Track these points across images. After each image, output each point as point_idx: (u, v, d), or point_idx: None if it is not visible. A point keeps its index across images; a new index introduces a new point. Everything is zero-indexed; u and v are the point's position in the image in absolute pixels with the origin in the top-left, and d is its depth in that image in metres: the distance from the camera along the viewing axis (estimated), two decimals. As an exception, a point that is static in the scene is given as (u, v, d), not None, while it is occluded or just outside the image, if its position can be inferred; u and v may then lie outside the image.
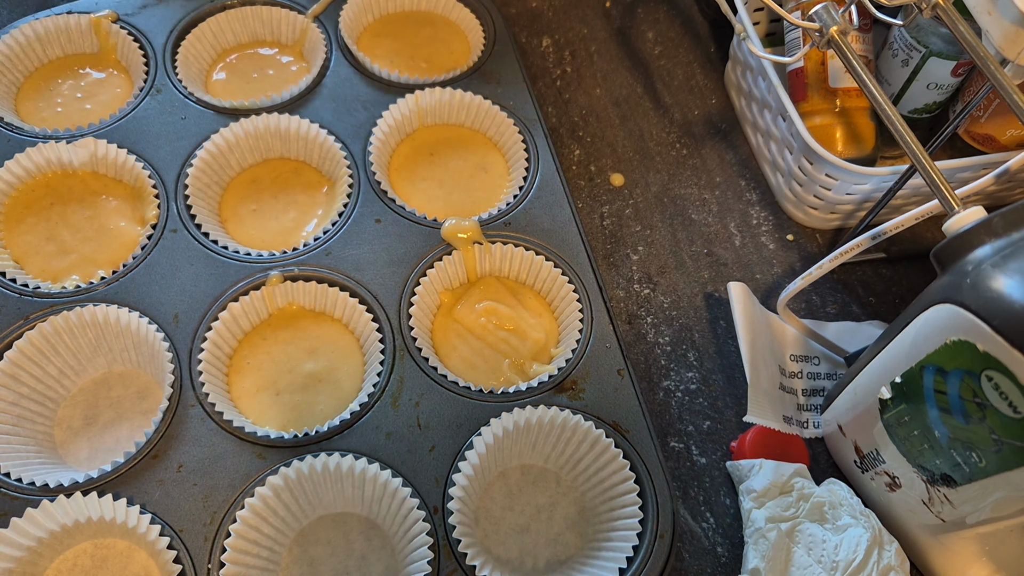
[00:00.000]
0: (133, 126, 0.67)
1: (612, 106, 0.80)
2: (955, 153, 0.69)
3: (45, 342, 0.57)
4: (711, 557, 0.57)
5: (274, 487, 0.52)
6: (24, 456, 0.54)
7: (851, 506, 0.55)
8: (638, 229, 0.72)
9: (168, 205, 0.64)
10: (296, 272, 0.61)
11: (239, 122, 0.67)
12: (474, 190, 0.69)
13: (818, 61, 0.68)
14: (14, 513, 0.50)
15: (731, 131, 0.79)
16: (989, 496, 0.46)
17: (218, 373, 0.58)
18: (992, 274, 0.41)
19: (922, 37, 0.64)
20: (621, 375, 0.58)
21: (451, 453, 0.54)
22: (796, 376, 0.64)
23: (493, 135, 0.72)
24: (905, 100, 0.69)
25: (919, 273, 0.71)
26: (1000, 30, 0.54)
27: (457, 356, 0.61)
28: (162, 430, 0.54)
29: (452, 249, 0.63)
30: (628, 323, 0.67)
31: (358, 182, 0.66)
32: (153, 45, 0.72)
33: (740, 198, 0.74)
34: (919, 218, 0.55)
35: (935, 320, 0.44)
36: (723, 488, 0.59)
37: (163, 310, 0.59)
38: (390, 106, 0.69)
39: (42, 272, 0.62)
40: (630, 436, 0.56)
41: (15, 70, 0.71)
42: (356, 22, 0.77)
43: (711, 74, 0.83)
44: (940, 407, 0.46)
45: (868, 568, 0.51)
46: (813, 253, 0.72)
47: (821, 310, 0.69)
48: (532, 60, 0.83)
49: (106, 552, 0.52)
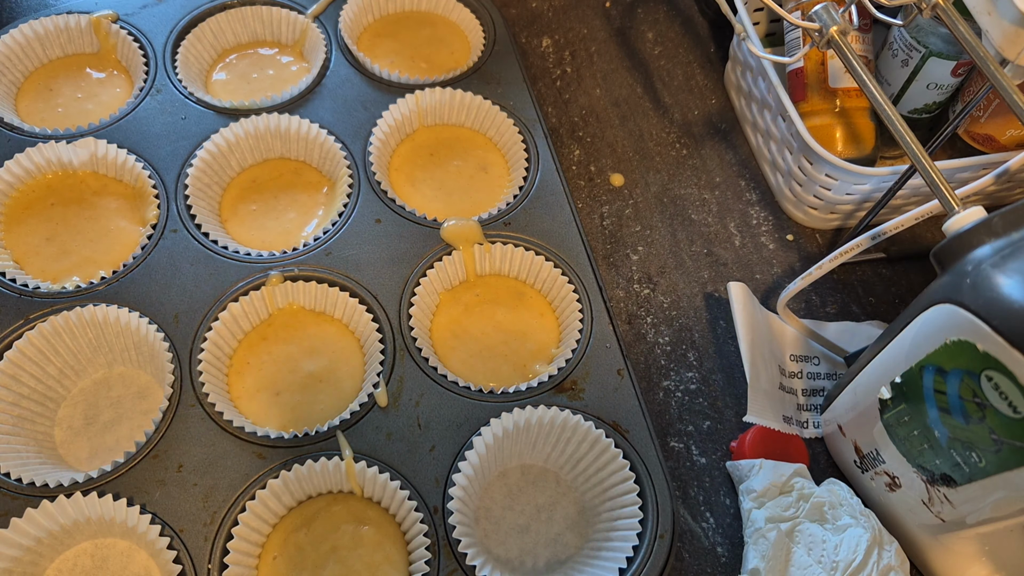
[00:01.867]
0: (133, 126, 0.67)
1: (612, 106, 0.80)
2: (955, 153, 0.69)
3: (45, 342, 0.57)
4: (711, 557, 0.57)
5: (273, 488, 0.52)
6: (24, 456, 0.54)
7: (851, 506, 0.55)
8: (638, 229, 0.72)
9: (168, 205, 0.64)
10: (296, 272, 0.61)
11: (239, 122, 0.67)
12: (474, 190, 0.69)
13: (818, 61, 0.68)
14: (14, 513, 0.50)
15: (731, 131, 0.79)
16: (989, 496, 0.46)
17: (218, 373, 0.58)
18: (992, 274, 0.41)
19: (922, 37, 0.64)
20: (621, 375, 0.58)
21: (451, 453, 0.54)
22: (796, 376, 0.64)
23: (493, 135, 0.72)
24: (905, 100, 0.69)
25: (919, 273, 0.71)
26: (1000, 30, 0.54)
27: (457, 356, 0.61)
28: (162, 430, 0.54)
29: (452, 249, 0.63)
30: (628, 323, 0.67)
31: (358, 182, 0.66)
32: (153, 45, 0.72)
33: (740, 198, 0.74)
34: (919, 218, 0.55)
35: (935, 320, 0.44)
36: (723, 488, 0.59)
37: (163, 310, 0.59)
38: (390, 106, 0.69)
39: (42, 272, 0.62)
40: (630, 436, 0.56)
41: (15, 70, 0.71)
42: (356, 22, 0.77)
43: (711, 74, 0.83)
44: (940, 407, 0.46)
45: (868, 568, 0.51)
46: (813, 253, 0.72)
47: (821, 310, 0.69)
48: (532, 60, 0.83)
49: (106, 552, 0.52)
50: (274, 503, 0.53)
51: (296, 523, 0.53)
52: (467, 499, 0.54)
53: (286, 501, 0.54)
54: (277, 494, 0.53)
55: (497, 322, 0.62)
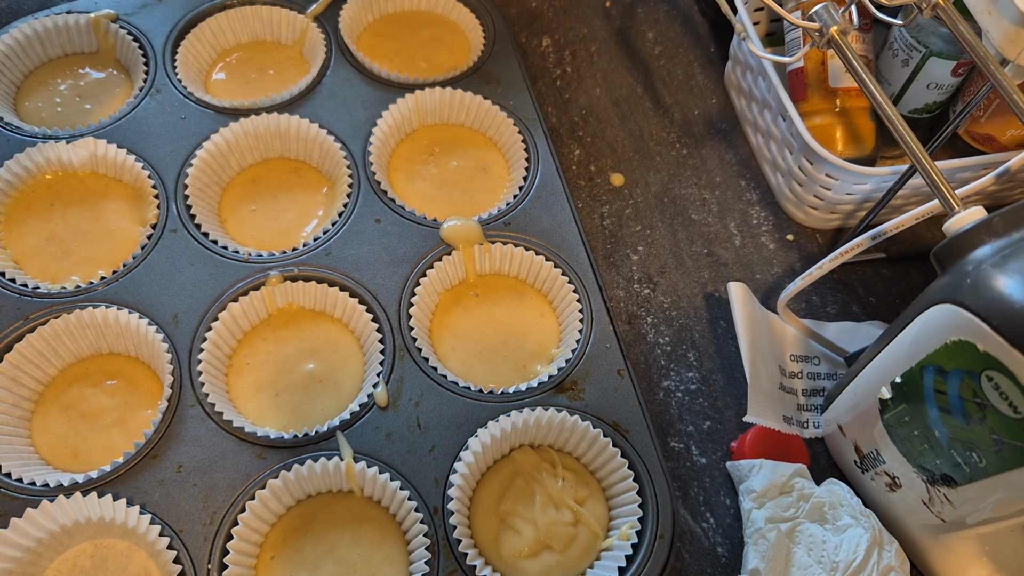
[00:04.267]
0: (133, 126, 0.67)
1: (612, 106, 0.80)
2: (955, 153, 0.69)
3: (46, 344, 0.57)
4: (711, 557, 0.57)
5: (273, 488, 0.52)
6: (24, 456, 0.54)
7: (851, 506, 0.55)
8: (638, 229, 0.72)
9: (168, 205, 0.64)
10: (296, 272, 0.61)
11: (239, 122, 0.67)
12: (474, 190, 0.69)
13: (818, 61, 0.68)
14: (14, 513, 0.50)
15: (731, 131, 0.79)
16: (989, 496, 0.46)
17: (218, 373, 0.58)
18: (992, 274, 0.41)
19: (922, 37, 0.64)
20: (621, 375, 0.58)
21: (451, 453, 0.54)
22: (796, 376, 0.64)
23: (493, 135, 0.72)
24: (905, 100, 0.69)
25: (919, 273, 0.71)
26: (1000, 30, 0.54)
27: (457, 356, 0.61)
28: (162, 430, 0.54)
29: (452, 249, 0.63)
30: (628, 323, 0.67)
31: (358, 182, 0.66)
32: (153, 45, 0.72)
33: (740, 198, 0.74)
34: (919, 218, 0.55)
35: (935, 320, 0.44)
36: (723, 488, 0.59)
37: (163, 310, 0.59)
38: (390, 106, 0.69)
39: (42, 272, 0.62)
40: (630, 436, 0.56)
41: (15, 70, 0.71)
42: (356, 22, 0.77)
43: (711, 74, 0.83)
44: (940, 407, 0.46)
45: (868, 568, 0.51)
46: (813, 253, 0.72)
47: (821, 310, 0.69)
48: (532, 60, 0.83)
49: (106, 552, 0.52)
50: (274, 503, 0.53)
51: (295, 522, 0.53)
52: (467, 499, 0.54)
53: (286, 501, 0.54)
54: (277, 494, 0.53)
55: (497, 322, 0.62)
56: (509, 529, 0.53)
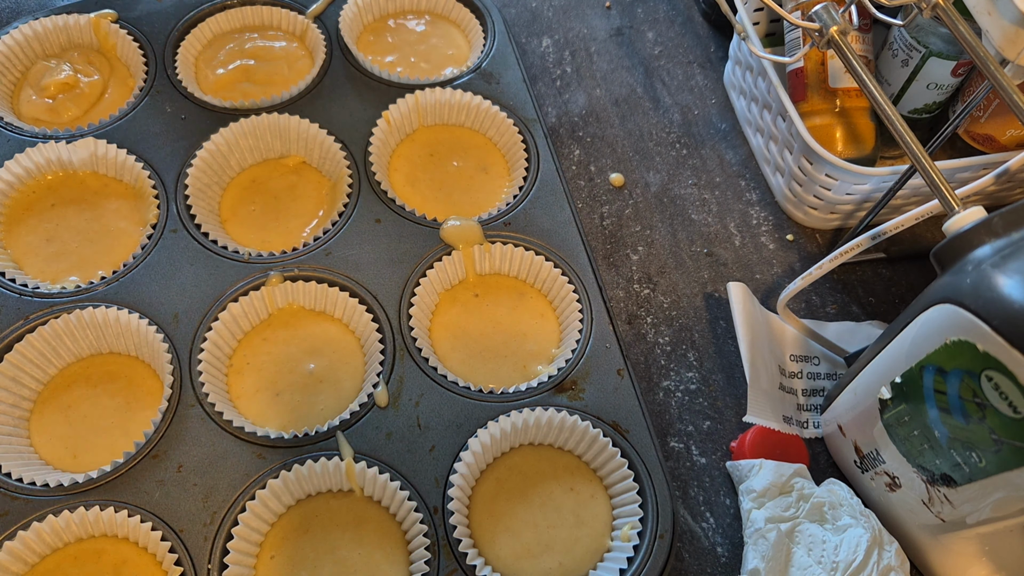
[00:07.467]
0: (133, 126, 0.68)
1: (612, 106, 0.80)
2: (955, 153, 0.69)
3: (46, 344, 0.57)
4: (711, 557, 0.57)
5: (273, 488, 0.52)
6: (24, 456, 0.54)
7: (851, 506, 0.55)
8: (638, 229, 0.72)
9: (168, 205, 0.64)
10: (296, 272, 0.61)
11: (239, 122, 0.67)
12: (474, 190, 0.69)
13: (818, 61, 0.68)
14: (14, 513, 0.50)
15: (731, 131, 0.79)
16: (989, 496, 0.46)
17: (218, 373, 0.58)
18: (992, 274, 0.41)
19: (922, 37, 0.64)
20: (621, 375, 0.58)
21: (451, 453, 0.54)
22: (796, 376, 0.64)
23: (493, 135, 0.72)
24: (905, 100, 0.69)
25: (919, 273, 0.71)
26: (1000, 30, 0.54)
27: (457, 356, 0.61)
28: (162, 430, 0.54)
29: (452, 249, 0.63)
30: (628, 323, 0.67)
31: (358, 182, 0.66)
32: (153, 45, 0.72)
33: (740, 198, 0.74)
34: (919, 218, 0.55)
35: (935, 320, 0.44)
36: (723, 488, 0.59)
37: (163, 310, 0.59)
38: (390, 106, 0.69)
39: (42, 272, 0.62)
40: (630, 436, 0.56)
41: (15, 70, 0.71)
42: (356, 22, 0.77)
43: (711, 74, 0.83)
44: (940, 407, 0.46)
45: (868, 568, 0.51)
46: (813, 253, 0.72)
47: (821, 310, 0.69)
48: (532, 60, 0.83)
49: (106, 552, 0.52)
50: (274, 503, 0.53)
51: (295, 522, 0.53)
52: (467, 499, 0.54)
53: (286, 501, 0.54)
54: (277, 494, 0.53)
55: (497, 322, 0.62)
56: (509, 529, 0.53)
